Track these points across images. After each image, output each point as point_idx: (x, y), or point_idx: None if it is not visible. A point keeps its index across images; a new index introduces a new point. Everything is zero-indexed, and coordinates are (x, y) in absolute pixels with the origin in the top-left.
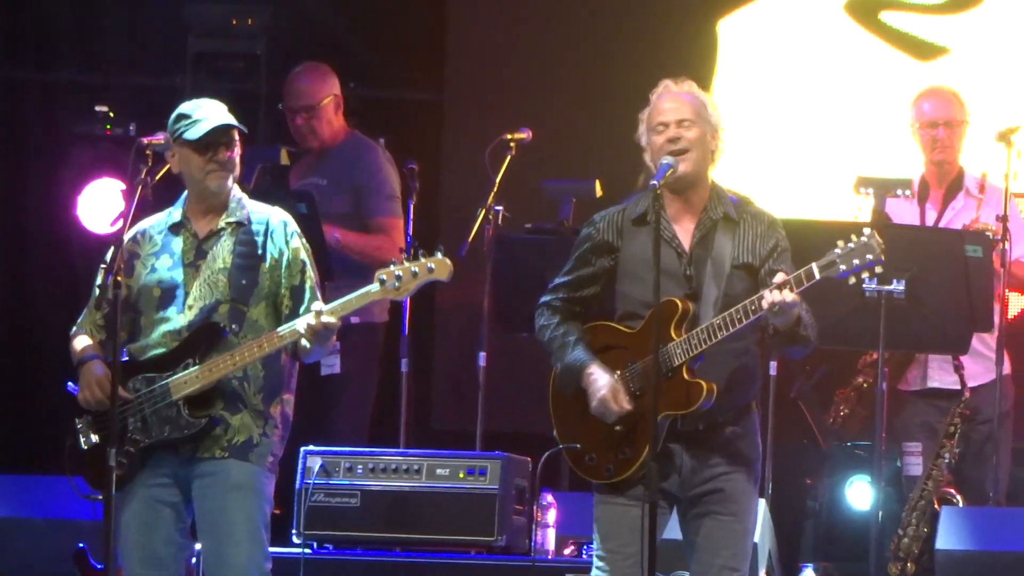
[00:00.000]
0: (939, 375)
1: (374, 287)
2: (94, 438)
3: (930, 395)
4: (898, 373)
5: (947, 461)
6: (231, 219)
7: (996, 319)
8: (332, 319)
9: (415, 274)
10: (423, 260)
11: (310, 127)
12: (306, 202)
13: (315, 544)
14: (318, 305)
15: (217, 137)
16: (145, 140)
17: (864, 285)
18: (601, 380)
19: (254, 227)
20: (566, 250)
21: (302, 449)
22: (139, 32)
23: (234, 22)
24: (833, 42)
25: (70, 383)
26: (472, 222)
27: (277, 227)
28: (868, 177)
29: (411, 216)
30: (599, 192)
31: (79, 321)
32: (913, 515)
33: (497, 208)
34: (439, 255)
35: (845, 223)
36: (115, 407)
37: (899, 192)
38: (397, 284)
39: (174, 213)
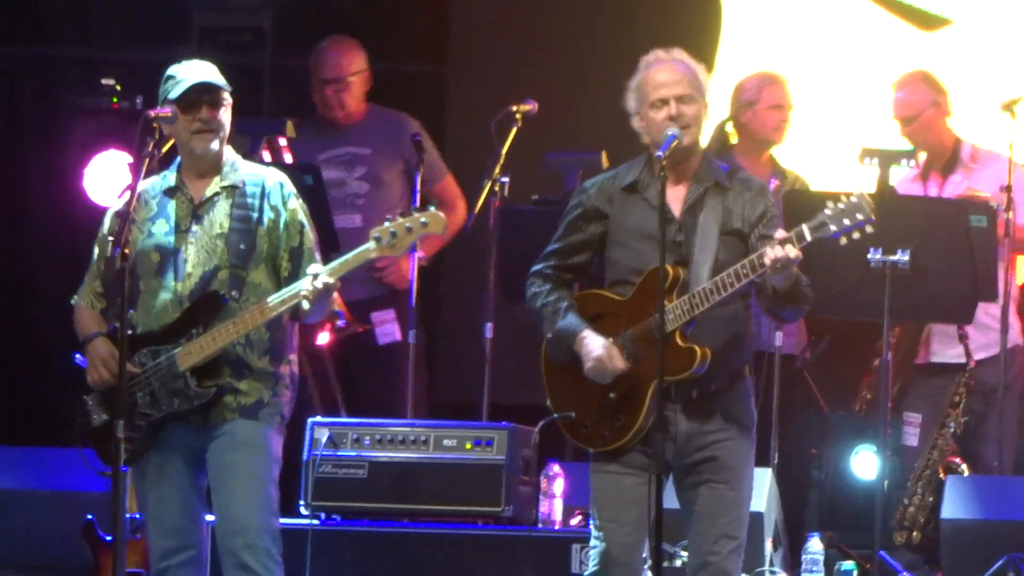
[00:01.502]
0: (940, 348)
1: (371, 245)
2: (104, 415)
3: (935, 369)
4: (913, 348)
5: (952, 431)
6: (226, 183)
7: (1000, 289)
8: (330, 280)
9: (409, 229)
10: (416, 215)
11: (339, 99)
12: (312, 174)
13: (323, 515)
14: (315, 267)
15: (199, 96)
16: (152, 113)
17: (869, 256)
18: (595, 342)
19: (249, 189)
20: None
21: (309, 421)
22: (143, 6)
23: None
24: (836, 13)
25: (78, 354)
26: (477, 194)
27: (273, 188)
28: (872, 148)
29: (417, 188)
30: (605, 163)
31: (79, 292)
32: (918, 484)
33: (503, 180)
34: (432, 208)
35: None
36: (124, 380)
37: (904, 162)
38: (393, 240)
39: (169, 177)
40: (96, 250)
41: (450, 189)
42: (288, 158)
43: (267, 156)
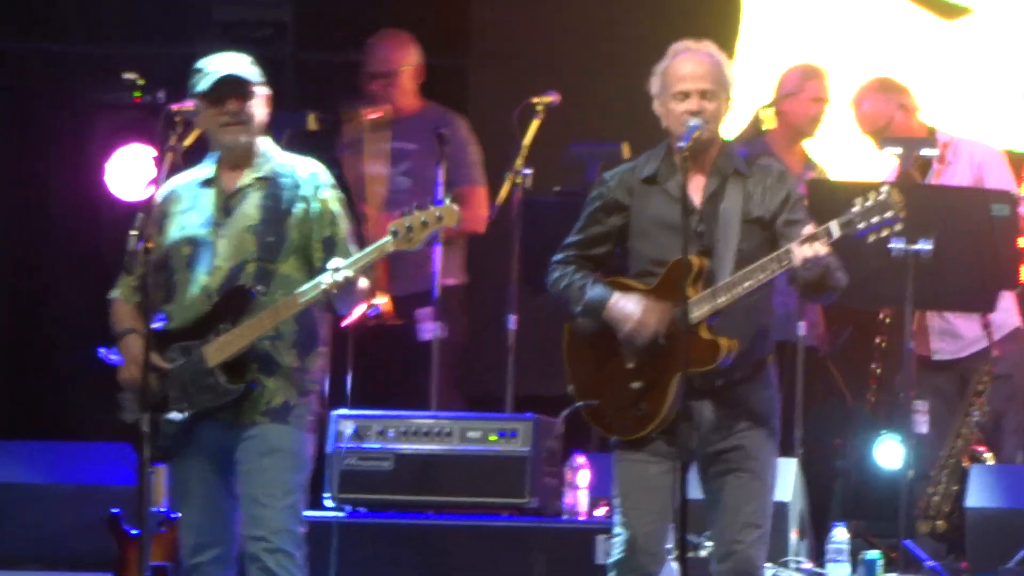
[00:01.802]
0: (940, 345)
1: (388, 239)
2: (139, 412)
3: (936, 364)
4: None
5: (976, 419)
6: (258, 174)
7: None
8: (349, 273)
9: (424, 223)
10: (431, 208)
11: (387, 94)
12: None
13: (348, 508)
14: (335, 261)
15: (227, 88)
16: (174, 107)
17: (891, 245)
18: (628, 302)
19: (282, 180)
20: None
21: (333, 413)
22: (164, 0)
23: None
24: (857, 2)
25: (102, 349)
26: (499, 186)
27: (306, 179)
28: (894, 136)
29: (440, 180)
30: (626, 154)
31: (115, 286)
32: (943, 473)
33: (525, 172)
34: (446, 202)
35: (872, 183)
36: (147, 373)
37: (925, 151)
38: (409, 235)
39: (207, 169)
40: (129, 244)
41: (472, 199)
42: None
43: None
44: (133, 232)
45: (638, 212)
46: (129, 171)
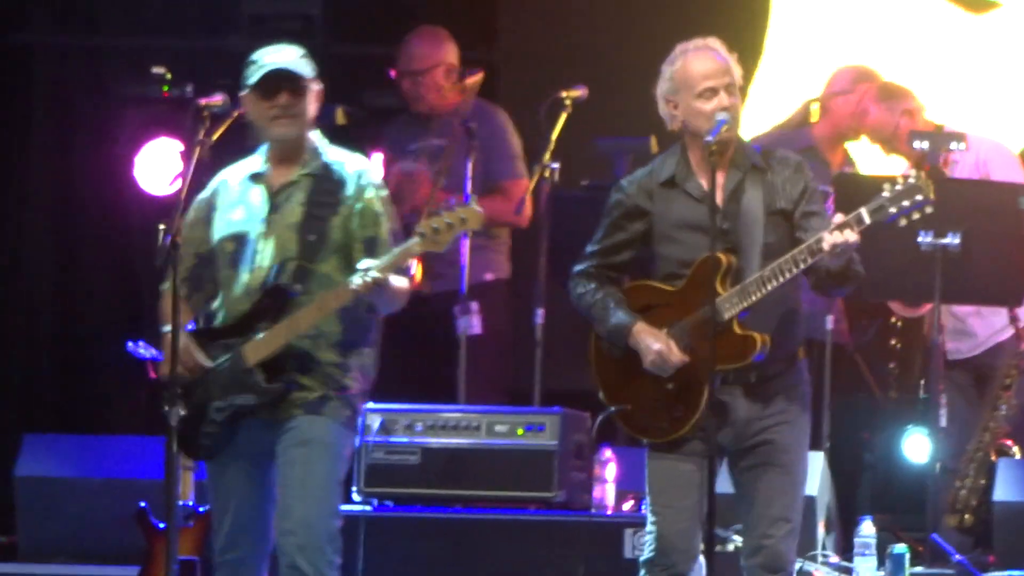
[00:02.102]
0: (954, 345)
1: (415, 240)
2: (183, 409)
3: (950, 364)
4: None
5: (1003, 413)
6: (306, 170)
7: None
8: (377, 275)
9: (450, 225)
10: (456, 211)
11: (416, 93)
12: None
13: (375, 501)
14: (365, 263)
15: (277, 82)
16: (202, 101)
17: (919, 239)
18: (650, 337)
19: (329, 177)
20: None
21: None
22: None
23: None
24: None
25: (130, 343)
26: (528, 180)
27: (351, 177)
28: (922, 130)
29: (468, 175)
30: (655, 148)
31: (165, 280)
32: (970, 467)
33: (553, 166)
34: (470, 204)
35: (897, 176)
36: (175, 370)
37: (953, 146)
38: (436, 236)
39: (256, 162)
40: (183, 236)
41: (514, 192)
42: None
43: None
44: (161, 226)
45: (661, 216)
46: (158, 165)
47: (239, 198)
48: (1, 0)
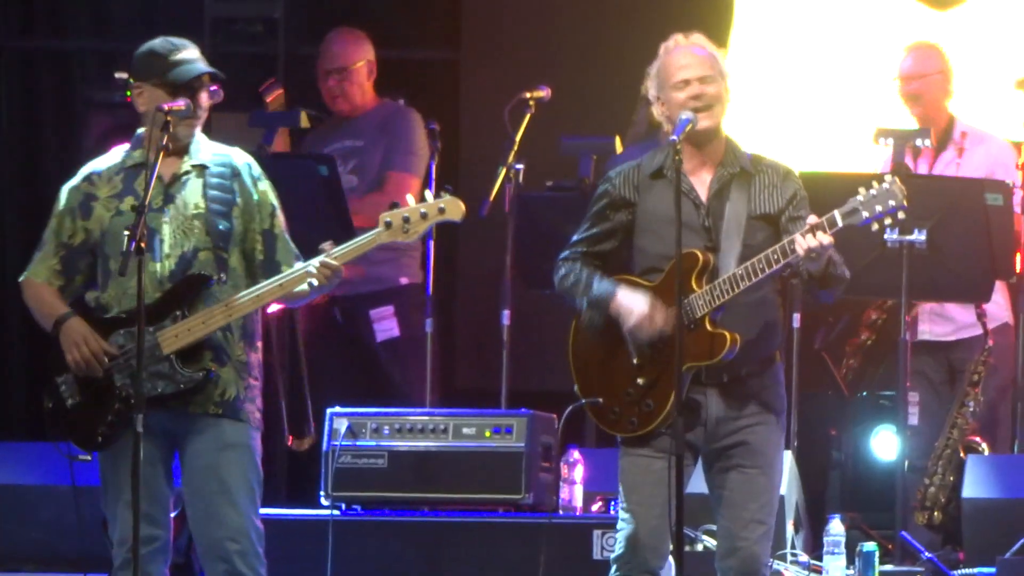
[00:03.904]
0: (928, 326)
1: (380, 230)
2: (78, 397)
3: (923, 346)
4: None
5: (971, 409)
6: (195, 161)
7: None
8: (336, 264)
9: (424, 215)
10: (432, 200)
11: (341, 89)
12: (327, 165)
13: (343, 506)
14: (326, 245)
15: (197, 82)
16: (165, 106)
17: (886, 235)
18: (633, 296)
19: (219, 169)
20: (587, 207)
21: (328, 411)
22: None
23: None
24: None
25: None
26: (492, 181)
27: (242, 168)
28: (887, 128)
29: (432, 176)
30: (619, 148)
31: (31, 268)
32: (939, 464)
33: (517, 167)
34: (448, 195)
35: (866, 175)
36: (140, 370)
37: (919, 142)
38: (406, 226)
39: (133, 154)
40: (52, 225)
41: (401, 186)
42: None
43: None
44: (125, 232)
45: (644, 208)
46: None
47: (125, 189)
48: None
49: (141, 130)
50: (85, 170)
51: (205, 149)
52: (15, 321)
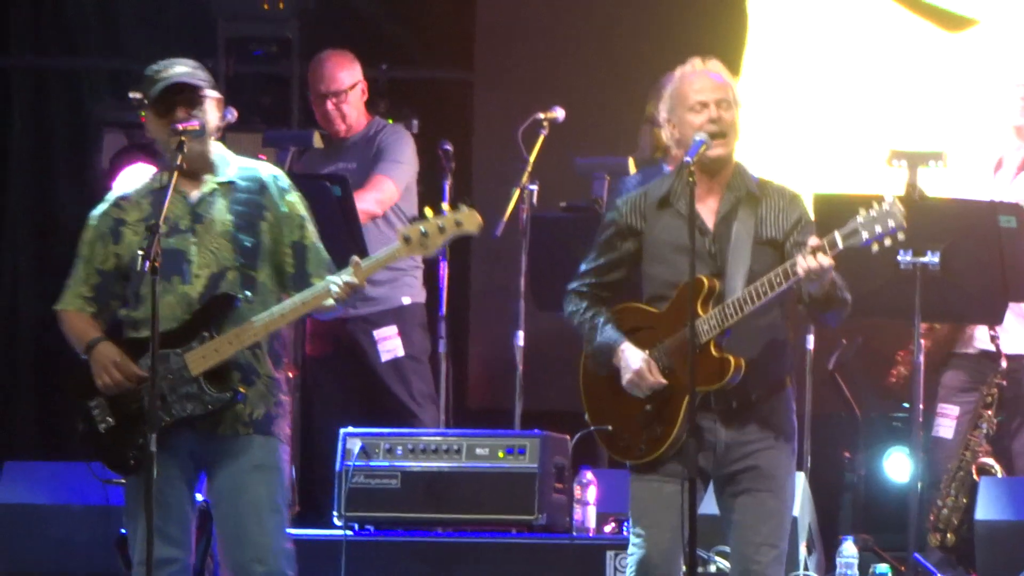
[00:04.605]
0: (984, 334)
1: (398, 245)
2: (111, 420)
3: (973, 358)
4: (951, 339)
5: (985, 431)
6: (220, 179)
7: None
8: (355, 280)
9: (442, 229)
10: (449, 214)
11: (340, 112)
12: (340, 185)
13: (356, 526)
14: (353, 265)
15: (175, 96)
16: (180, 126)
17: (899, 257)
18: (633, 356)
19: (246, 184)
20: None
21: (342, 431)
22: (171, 17)
23: (265, 7)
24: (862, 15)
25: None
26: (506, 202)
27: (269, 181)
28: (901, 150)
29: (446, 197)
30: (632, 169)
31: (62, 299)
32: (952, 486)
33: (531, 188)
34: (466, 207)
35: (875, 196)
36: (154, 392)
37: (932, 164)
38: (424, 240)
39: (160, 176)
40: (83, 252)
41: (380, 185)
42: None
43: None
44: (139, 251)
45: (651, 236)
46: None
47: (153, 212)
48: None
49: None
50: (113, 195)
51: (231, 165)
52: (26, 341)
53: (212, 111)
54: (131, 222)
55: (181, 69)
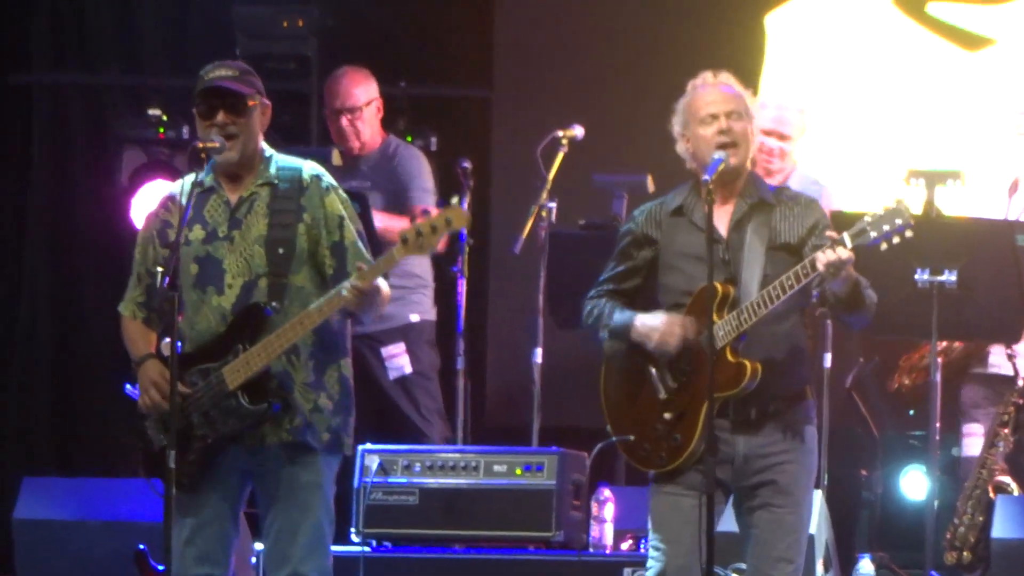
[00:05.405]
0: (1000, 360)
1: (397, 247)
2: (163, 438)
3: (991, 379)
4: (966, 358)
5: (1001, 450)
6: (260, 180)
7: None
8: (359, 284)
9: (434, 228)
10: (439, 213)
11: (354, 128)
12: (359, 202)
13: (374, 542)
14: (357, 271)
15: (212, 101)
16: (200, 144)
17: (916, 275)
18: (651, 317)
19: (285, 185)
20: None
21: (360, 448)
22: (189, 34)
23: (284, 24)
24: (881, 34)
25: (128, 385)
26: (525, 219)
27: (310, 181)
28: (919, 169)
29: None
30: (651, 187)
31: (122, 303)
32: (968, 504)
33: (550, 205)
34: (453, 203)
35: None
36: (175, 409)
37: (949, 183)
38: (419, 240)
39: (205, 179)
40: (137, 255)
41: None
42: None
43: None
44: (158, 268)
45: (667, 246)
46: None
47: (194, 216)
48: (1, 41)
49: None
50: (164, 193)
51: (272, 166)
52: (44, 356)
53: (256, 116)
54: (176, 225)
55: (224, 72)
